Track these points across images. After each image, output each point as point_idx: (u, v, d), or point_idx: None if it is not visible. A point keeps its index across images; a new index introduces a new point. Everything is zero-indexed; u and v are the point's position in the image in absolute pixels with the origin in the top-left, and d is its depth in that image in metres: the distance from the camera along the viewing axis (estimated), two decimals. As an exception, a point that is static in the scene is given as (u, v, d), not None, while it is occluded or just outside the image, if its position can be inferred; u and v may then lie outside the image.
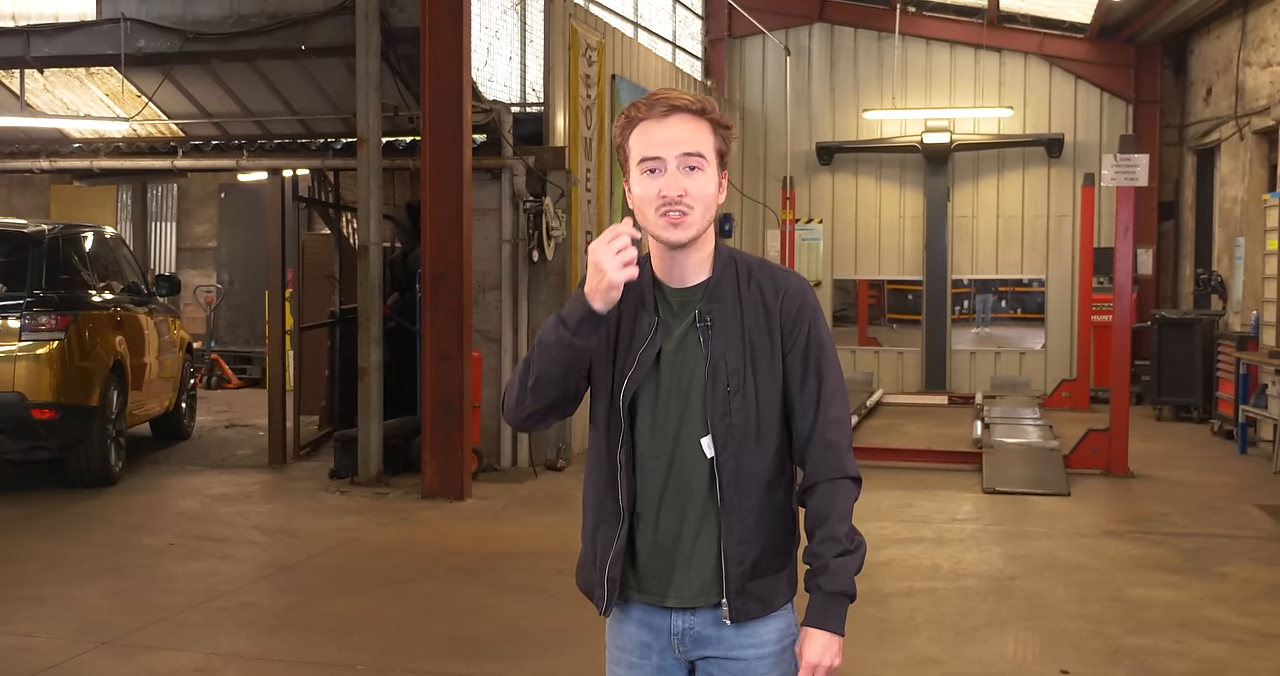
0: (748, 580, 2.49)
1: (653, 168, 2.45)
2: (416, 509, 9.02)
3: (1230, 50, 14.73)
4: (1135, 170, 10.49)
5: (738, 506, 2.47)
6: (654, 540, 2.52)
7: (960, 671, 5.49)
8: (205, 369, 16.13)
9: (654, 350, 2.48)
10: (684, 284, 2.52)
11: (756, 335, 2.50)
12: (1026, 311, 18.17)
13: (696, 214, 2.44)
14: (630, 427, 2.50)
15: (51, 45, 11.43)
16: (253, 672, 5.54)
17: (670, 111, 2.45)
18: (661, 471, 2.50)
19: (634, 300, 2.50)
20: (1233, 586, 6.97)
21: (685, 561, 2.50)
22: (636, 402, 2.50)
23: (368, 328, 10.02)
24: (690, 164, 2.44)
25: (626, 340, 2.51)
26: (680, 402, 2.49)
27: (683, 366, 2.49)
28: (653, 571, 2.53)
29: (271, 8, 10.89)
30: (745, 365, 2.48)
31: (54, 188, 17.53)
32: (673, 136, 2.44)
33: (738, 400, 2.46)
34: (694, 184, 2.44)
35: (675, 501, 2.50)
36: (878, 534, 8.26)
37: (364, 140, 9.97)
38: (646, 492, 2.51)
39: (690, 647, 2.55)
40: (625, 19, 15.12)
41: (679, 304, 2.52)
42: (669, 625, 2.55)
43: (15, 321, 9.00)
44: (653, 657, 2.58)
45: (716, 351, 2.47)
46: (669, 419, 2.49)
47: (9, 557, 7.57)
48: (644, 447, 2.51)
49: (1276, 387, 10.96)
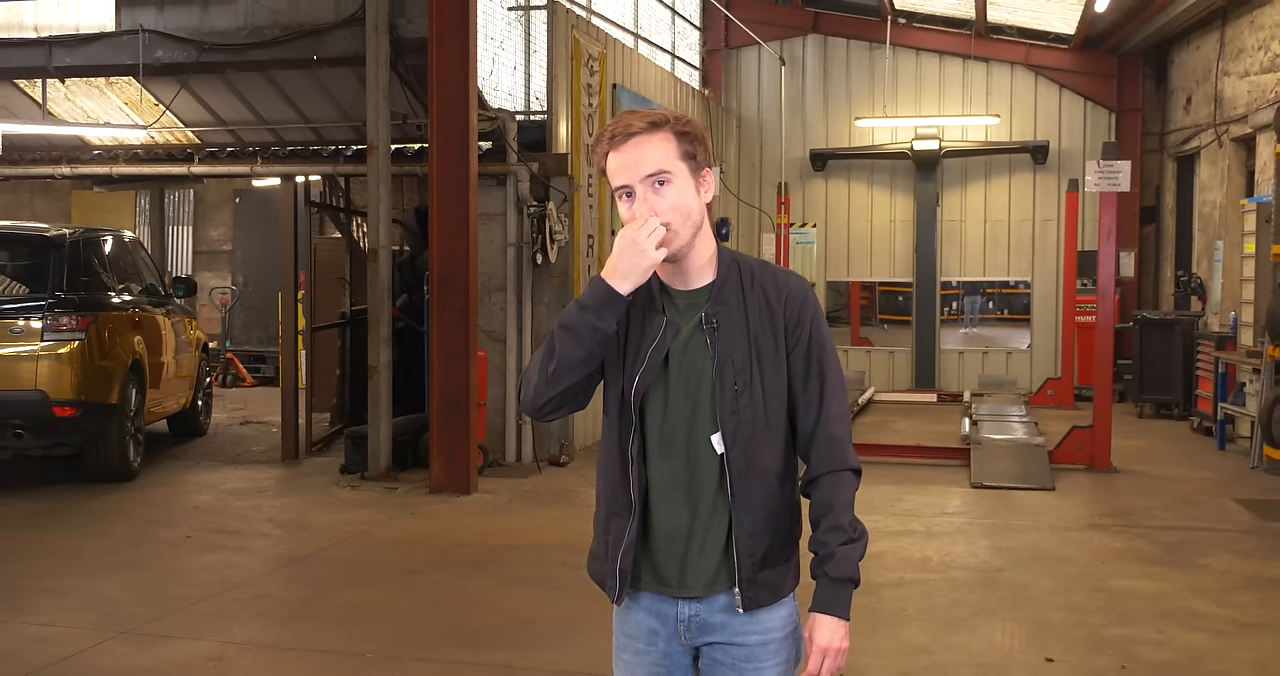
0: (759, 570, 2.50)
1: (625, 193, 2.47)
2: (424, 503, 9.01)
3: (1209, 60, 14.73)
4: (1118, 176, 10.49)
5: (747, 500, 2.48)
6: (666, 532, 2.52)
7: (949, 660, 5.49)
8: (220, 368, 16.14)
9: (663, 349, 2.49)
10: (690, 286, 2.53)
11: (761, 335, 2.50)
12: (1013, 312, 18.17)
13: (676, 226, 2.44)
14: (641, 424, 2.51)
15: (73, 56, 11.43)
16: (266, 661, 5.53)
17: (626, 137, 2.46)
18: (673, 466, 2.51)
19: (643, 301, 2.51)
20: (1212, 578, 6.97)
21: (696, 552, 2.51)
22: (647, 400, 2.51)
23: (377, 328, 10.02)
24: (657, 181, 2.45)
25: (637, 339, 2.51)
26: (690, 401, 2.49)
27: (691, 366, 2.49)
28: (665, 562, 2.53)
29: (284, 19, 10.89)
30: (751, 364, 2.48)
31: (75, 193, 17.51)
32: (632, 161, 2.44)
33: (745, 398, 2.47)
34: (663, 200, 2.44)
35: (687, 495, 2.51)
36: (869, 527, 8.16)
37: (373, 147, 9.97)
38: (659, 486, 2.51)
39: (696, 634, 2.56)
40: (626, 30, 15.12)
41: (686, 305, 2.53)
42: (676, 613, 2.56)
43: (37, 322, 9.00)
44: (659, 644, 2.58)
45: (723, 351, 2.47)
46: (679, 416, 2.50)
47: (31, 550, 7.56)
48: (655, 443, 2.51)
49: (1254, 386, 10.96)
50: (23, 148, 12.94)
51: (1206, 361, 12.69)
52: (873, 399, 15.99)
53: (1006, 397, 15.42)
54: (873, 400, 15.92)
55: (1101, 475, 10.33)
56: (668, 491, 2.51)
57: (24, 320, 9.01)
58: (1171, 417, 13.90)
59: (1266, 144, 12.00)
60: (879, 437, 12.32)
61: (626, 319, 2.49)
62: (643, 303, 2.50)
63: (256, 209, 17.12)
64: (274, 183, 11.86)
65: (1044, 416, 13.66)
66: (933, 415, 14.62)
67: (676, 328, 2.49)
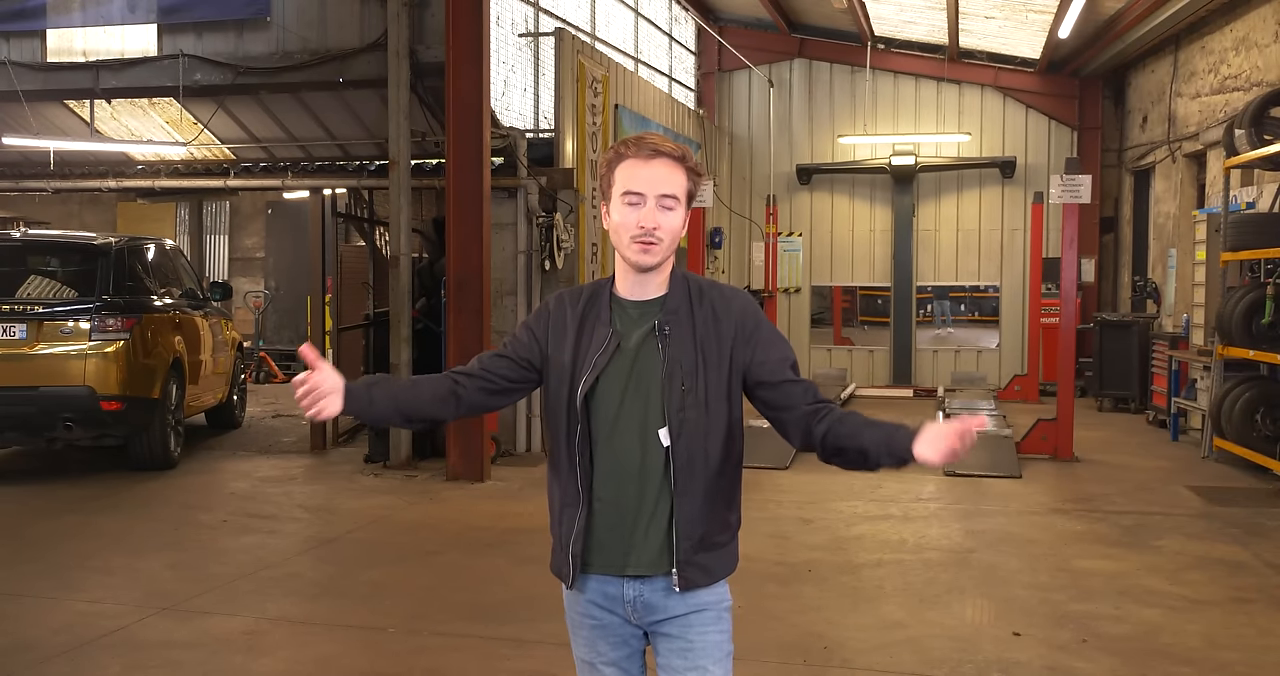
0: (695, 553, 2.53)
1: (634, 201, 2.52)
2: (441, 489, 9.02)
3: (1163, 83, 14.73)
4: (1079, 189, 10.49)
5: (688, 488, 2.52)
6: (615, 517, 2.55)
7: (924, 633, 5.49)
8: (254, 365, 16.12)
9: (607, 356, 2.54)
10: (645, 297, 2.60)
11: (708, 343, 2.56)
12: (983, 314, 18.17)
13: (664, 244, 2.54)
14: (587, 421, 2.55)
15: (118, 78, 11.45)
16: (297, 635, 5.54)
17: (655, 155, 2.53)
18: (625, 457, 2.54)
19: (594, 315, 2.59)
20: (1166, 558, 6.97)
21: (642, 535, 2.55)
22: (601, 398, 2.55)
23: (398, 328, 10.03)
24: (665, 203, 2.53)
25: (585, 347, 2.57)
26: (642, 399, 2.54)
27: (644, 368, 2.54)
28: (613, 543, 2.56)
29: (313, 45, 10.90)
30: (697, 367, 2.54)
31: (120, 204, 17.54)
32: (655, 177, 2.52)
33: (690, 398, 2.52)
34: (666, 220, 2.53)
35: (636, 483, 2.54)
36: (850, 511, 8.27)
37: (395, 162, 9.98)
38: (611, 475, 2.55)
39: (643, 614, 2.59)
40: (626, 55, 15.13)
41: (638, 314, 2.59)
42: (622, 593, 2.58)
43: (86, 323, 9.01)
44: (614, 617, 2.62)
45: (673, 356, 2.53)
46: (633, 412, 2.54)
47: (80, 533, 7.58)
48: (607, 437, 2.55)
49: (1204, 382, 10.96)
50: (72, 163, 12.94)
51: (1161, 360, 12.71)
52: (854, 393, 15.98)
53: (977, 392, 15.43)
54: (854, 394, 15.91)
55: (1064, 464, 10.34)
56: (618, 480, 2.54)
57: (74, 321, 9.02)
58: (1129, 411, 13.91)
59: (1216, 159, 12.01)
60: (860, 429, 12.30)
61: (577, 330, 2.58)
62: (593, 316, 2.58)
63: (287, 219, 17.12)
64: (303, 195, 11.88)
65: (1011, 410, 13.67)
66: (909, 408, 14.61)
67: (620, 338, 2.55)
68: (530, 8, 12.28)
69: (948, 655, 5.17)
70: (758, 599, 5.91)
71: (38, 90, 11.63)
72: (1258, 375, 10.13)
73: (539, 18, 12.40)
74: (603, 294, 2.61)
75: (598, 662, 2.65)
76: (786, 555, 6.95)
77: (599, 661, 2.65)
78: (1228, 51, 12.54)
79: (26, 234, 10.41)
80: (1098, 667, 5.03)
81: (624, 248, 2.54)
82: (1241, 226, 10.03)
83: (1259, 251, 9.66)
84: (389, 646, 5.35)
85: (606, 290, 2.62)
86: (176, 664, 5.07)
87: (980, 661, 5.09)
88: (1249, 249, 9.80)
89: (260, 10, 10.95)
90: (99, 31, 11.48)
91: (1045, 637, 5.43)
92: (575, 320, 2.59)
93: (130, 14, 11.27)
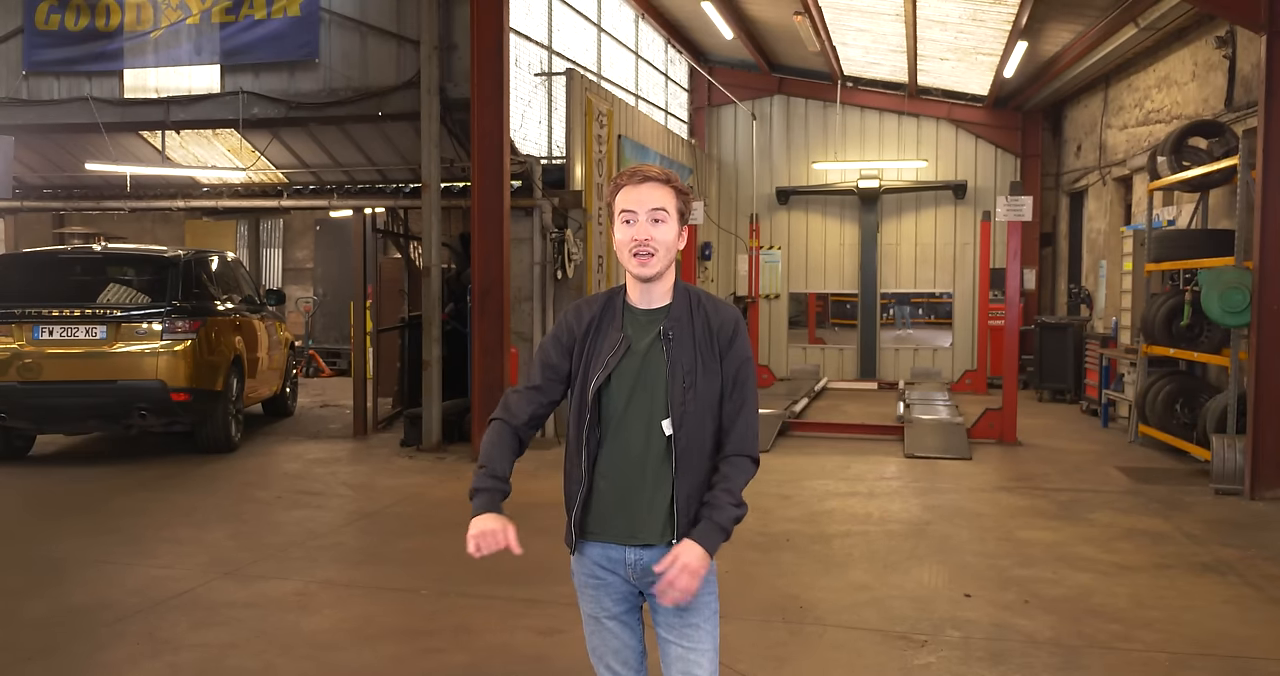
0: (692, 525, 2.54)
1: (629, 219, 2.55)
2: (467, 470, 9.01)
3: (1095, 116, 14.73)
4: (1022, 208, 10.49)
5: (687, 470, 2.54)
6: (623, 494, 2.57)
7: (887, 595, 5.49)
8: (304, 362, 16.12)
9: (618, 357, 2.56)
10: (652, 306, 2.61)
11: (703, 347, 2.58)
12: (938, 317, 18.15)
13: (659, 255, 2.54)
14: (598, 414, 2.57)
15: (186, 112, 11.44)
16: (342, 597, 5.53)
17: (644, 180, 2.57)
18: (630, 445, 2.56)
19: (609, 319, 2.60)
20: (1098, 530, 6.96)
21: (646, 510, 2.56)
22: (614, 394, 2.56)
23: (430, 330, 10.02)
24: (656, 217, 2.54)
25: (598, 348, 2.59)
26: (649, 394, 2.56)
27: (651, 367, 2.56)
28: (621, 517, 2.58)
29: (356, 83, 10.90)
30: (695, 368, 2.55)
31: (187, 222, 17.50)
32: (644, 196, 2.55)
33: (690, 394, 2.54)
34: (658, 232, 2.54)
35: (642, 466, 2.56)
36: (822, 489, 8.26)
37: (427, 185, 9.97)
38: (621, 460, 2.57)
39: (641, 576, 2.60)
40: (628, 91, 15.12)
41: (646, 321, 2.60)
42: (624, 557, 2.60)
43: (158, 325, 9.02)
44: (615, 577, 2.63)
45: (675, 357, 2.55)
46: (640, 406, 2.56)
47: (153, 507, 7.57)
48: (618, 428, 2.56)
49: (1131, 376, 10.96)
50: (146, 186, 12.94)
51: (1093, 356, 12.70)
52: (826, 387, 15.97)
53: (933, 385, 15.42)
54: (826, 388, 15.90)
55: (1009, 447, 10.33)
56: (622, 464, 2.56)
57: (147, 324, 9.02)
58: (1065, 402, 13.90)
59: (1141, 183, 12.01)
60: (831, 417, 12.33)
61: (595, 332, 2.60)
62: (609, 320, 2.60)
63: (333, 235, 17.10)
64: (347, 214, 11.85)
65: (963, 400, 13.66)
66: (874, 399, 14.61)
67: (632, 340, 2.57)
68: (544, 50, 12.28)
69: (908, 613, 5.16)
70: (742, 564, 5.91)
71: (116, 122, 11.63)
72: (1177, 370, 10.13)
73: (552, 59, 12.41)
74: (616, 301, 2.63)
75: (602, 617, 2.66)
76: (767, 526, 6.94)
77: (603, 615, 2.66)
78: (1151, 89, 12.53)
79: (106, 248, 10.39)
80: (1038, 624, 5.03)
81: (626, 261, 2.56)
82: (1163, 241, 10.04)
83: (1178, 263, 9.65)
84: (422, 606, 5.35)
85: (620, 298, 2.64)
86: (237, 621, 5.07)
87: (936, 619, 5.08)
88: (1170, 260, 9.80)
89: (310, 53, 10.95)
90: (169, 71, 11.48)
91: (992, 598, 5.43)
92: (593, 323, 2.61)
93: (197, 56, 11.27)
